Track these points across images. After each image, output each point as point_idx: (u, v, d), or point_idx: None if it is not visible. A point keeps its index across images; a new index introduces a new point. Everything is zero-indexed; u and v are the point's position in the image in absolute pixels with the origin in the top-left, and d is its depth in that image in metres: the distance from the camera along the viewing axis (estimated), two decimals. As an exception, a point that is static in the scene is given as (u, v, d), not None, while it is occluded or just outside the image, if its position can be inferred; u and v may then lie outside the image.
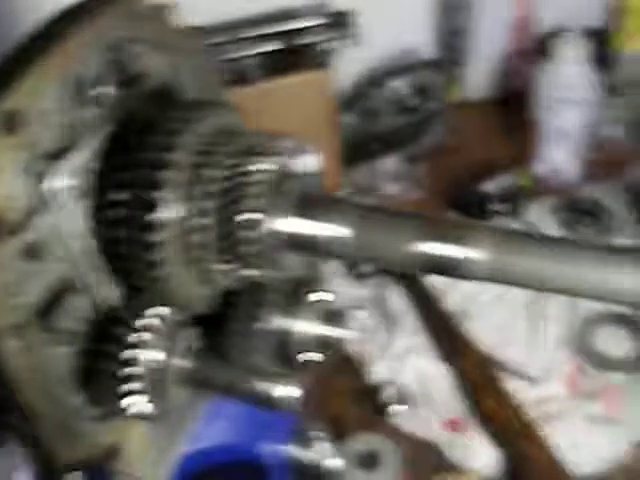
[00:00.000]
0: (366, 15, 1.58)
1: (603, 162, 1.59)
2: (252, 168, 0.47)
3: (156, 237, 0.45)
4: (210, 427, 0.68)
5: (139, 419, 0.53)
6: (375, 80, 1.68)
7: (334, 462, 0.83)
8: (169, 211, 0.45)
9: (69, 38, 0.46)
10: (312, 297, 0.60)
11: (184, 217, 0.46)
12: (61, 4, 0.49)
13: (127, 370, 0.50)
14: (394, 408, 1.10)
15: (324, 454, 0.83)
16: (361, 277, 1.32)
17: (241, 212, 0.46)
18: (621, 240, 1.30)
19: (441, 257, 0.44)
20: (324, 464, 0.83)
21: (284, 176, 0.49)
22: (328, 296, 0.61)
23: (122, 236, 0.47)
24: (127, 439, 0.59)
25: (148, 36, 0.54)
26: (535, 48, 1.77)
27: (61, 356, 0.52)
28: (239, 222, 0.46)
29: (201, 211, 0.46)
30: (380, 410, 1.11)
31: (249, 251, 0.47)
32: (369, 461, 1.04)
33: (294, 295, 0.59)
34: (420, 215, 0.47)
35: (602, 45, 1.82)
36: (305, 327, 0.59)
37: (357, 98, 1.67)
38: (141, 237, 0.45)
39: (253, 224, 0.46)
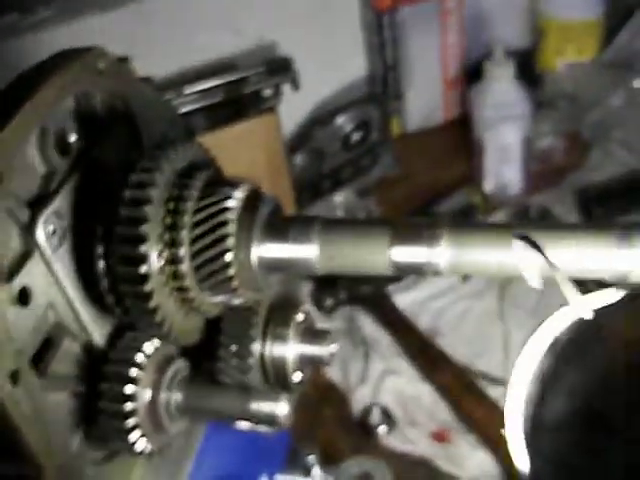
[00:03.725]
0: (304, 59, 1.64)
1: (546, 172, 1.66)
2: (221, 197, 0.50)
3: (146, 269, 0.47)
4: (207, 460, 0.69)
5: (140, 456, 0.54)
6: (319, 121, 1.73)
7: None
8: (154, 244, 0.47)
9: (39, 93, 0.49)
10: (296, 317, 0.62)
11: (163, 249, 0.48)
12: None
13: (123, 407, 0.51)
14: (381, 429, 1.12)
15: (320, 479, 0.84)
16: (330, 311, 1.34)
17: (213, 240, 0.49)
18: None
19: (405, 260, 0.47)
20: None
21: (251, 203, 0.51)
22: (310, 315, 0.64)
23: (111, 273, 0.49)
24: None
25: (109, 87, 0.57)
26: (468, 73, 1.85)
27: (58, 400, 0.52)
28: (212, 250, 0.48)
29: (177, 242, 0.48)
30: (368, 433, 1.12)
31: (224, 276, 0.49)
32: (363, 484, 1.06)
33: (279, 316, 0.61)
34: (380, 220, 0.50)
35: (531, 64, 1.92)
36: (293, 347, 0.61)
37: (304, 140, 1.71)
38: (133, 271, 0.47)
39: (225, 250, 0.48)
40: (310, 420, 1.16)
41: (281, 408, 0.54)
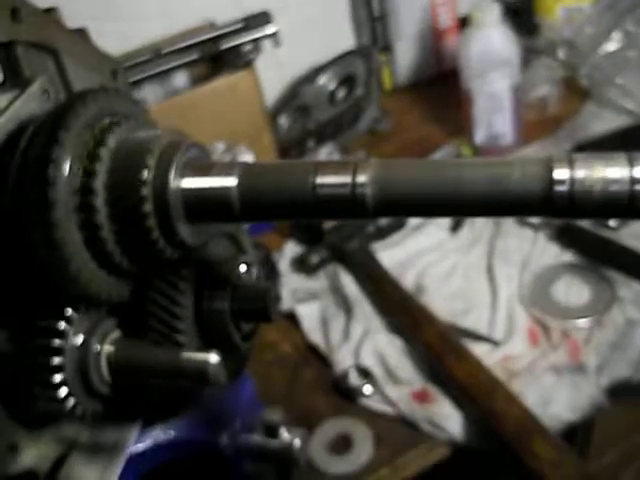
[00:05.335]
0: (287, 16, 1.59)
1: (542, 121, 1.61)
2: (141, 135, 0.48)
3: (54, 214, 0.44)
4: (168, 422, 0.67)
5: (70, 415, 0.51)
6: (304, 77, 1.68)
7: (300, 448, 0.81)
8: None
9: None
10: (235, 272, 0.58)
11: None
12: None
13: (51, 360, 0.48)
14: (362, 391, 1.08)
15: (289, 441, 0.81)
16: (313, 270, 1.31)
17: (131, 173, 0.46)
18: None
19: (330, 183, 0.43)
20: (290, 451, 0.81)
21: (174, 144, 0.48)
22: (253, 270, 0.60)
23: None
24: (71, 451, 0.58)
25: (31, 37, 0.54)
26: (458, 25, 1.79)
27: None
28: (127, 183, 0.45)
29: (90, 172, 0.45)
30: (349, 395, 1.09)
31: (140, 214, 0.46)
32: (342, 445, 1.03)
33: (217, 271, 0.58)
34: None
35: (529, 13, 1.86)
36: (231, 302, 0.57)
37: (290, 97, 1.67)
38: (43, 216, 0.44)
39: (142, 182, 0.45)
40: (290, 382, 1.14)
41: (212, 357, 0.51)
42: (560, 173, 0.38)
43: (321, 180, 0.44)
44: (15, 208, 0.46)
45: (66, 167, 0.45)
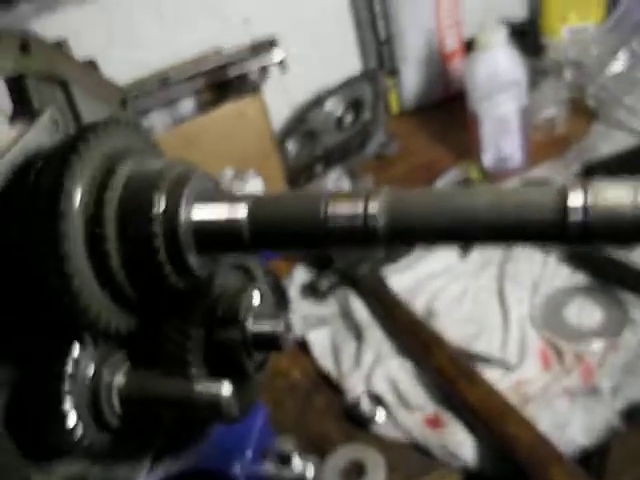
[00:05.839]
0: (294, 41, 1.59)
1: (548, 142, 1.60)
2: (151, 166, 0.48)
3: (66, 246, 0.43)
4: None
5: (77, 447, 0.51)
6: (311, 103, 1.68)
7: (313, 476, 0.80)
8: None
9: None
10: (247, 300, 0.58)
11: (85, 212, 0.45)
12: None
13: (62, 386, 0.48)
14: (374, 417, 1.07)
15: (302, 470, 0.81)
16: (323, 295, 1.30)
17: (141, 206, 0.46)
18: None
19: (341, 214, 0.43)
20: (303, 479, 0.81)
21: (184, 176, 0.48)
22: (269, 298, 0.60)
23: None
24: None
25: (40, 69, 0.55)
26: (464, 47, 1.79)
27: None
28: (138, 216, 0.46)
29: (100, 203, 0.45)
30: (361, 422, 1.08)
31: (150, 246, 0.45)
32: (355, 472, 1.02)
33: (229, 299, 0.58)
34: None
35: (534, 34, 1.86)
36: (243, 330, 0.57)
37: (297, 123, 1.67)
38: (54, 247, 0.44)
39: (153, 215, 0.45)
40: (302, 409, 1.13)
41: (225, 388, 0.51)
42: (574, 200, 0.38)
43: (332, 211, 0.44)
44: (23, 238, 0.45)
45: (77, 196, 0.45)
